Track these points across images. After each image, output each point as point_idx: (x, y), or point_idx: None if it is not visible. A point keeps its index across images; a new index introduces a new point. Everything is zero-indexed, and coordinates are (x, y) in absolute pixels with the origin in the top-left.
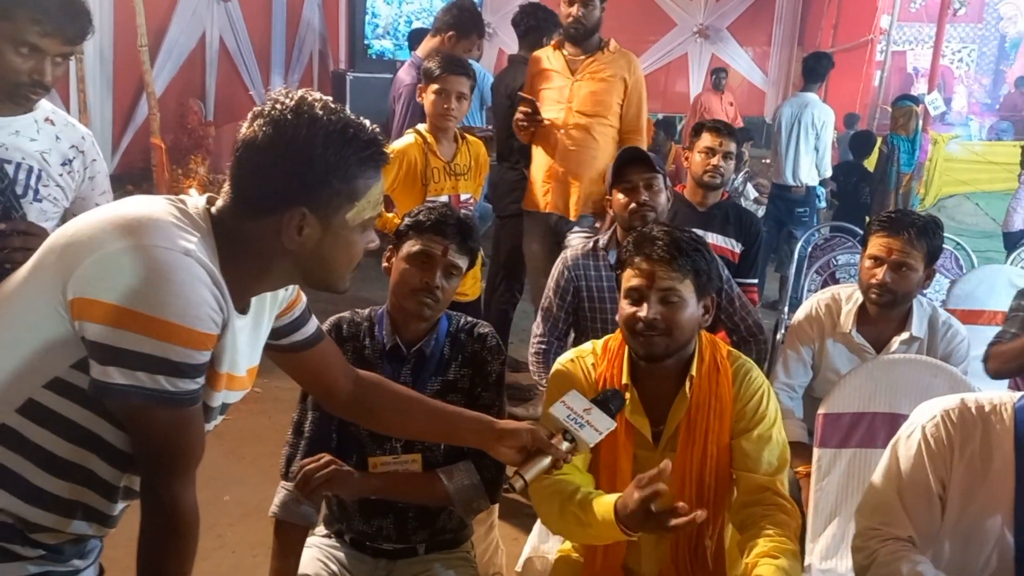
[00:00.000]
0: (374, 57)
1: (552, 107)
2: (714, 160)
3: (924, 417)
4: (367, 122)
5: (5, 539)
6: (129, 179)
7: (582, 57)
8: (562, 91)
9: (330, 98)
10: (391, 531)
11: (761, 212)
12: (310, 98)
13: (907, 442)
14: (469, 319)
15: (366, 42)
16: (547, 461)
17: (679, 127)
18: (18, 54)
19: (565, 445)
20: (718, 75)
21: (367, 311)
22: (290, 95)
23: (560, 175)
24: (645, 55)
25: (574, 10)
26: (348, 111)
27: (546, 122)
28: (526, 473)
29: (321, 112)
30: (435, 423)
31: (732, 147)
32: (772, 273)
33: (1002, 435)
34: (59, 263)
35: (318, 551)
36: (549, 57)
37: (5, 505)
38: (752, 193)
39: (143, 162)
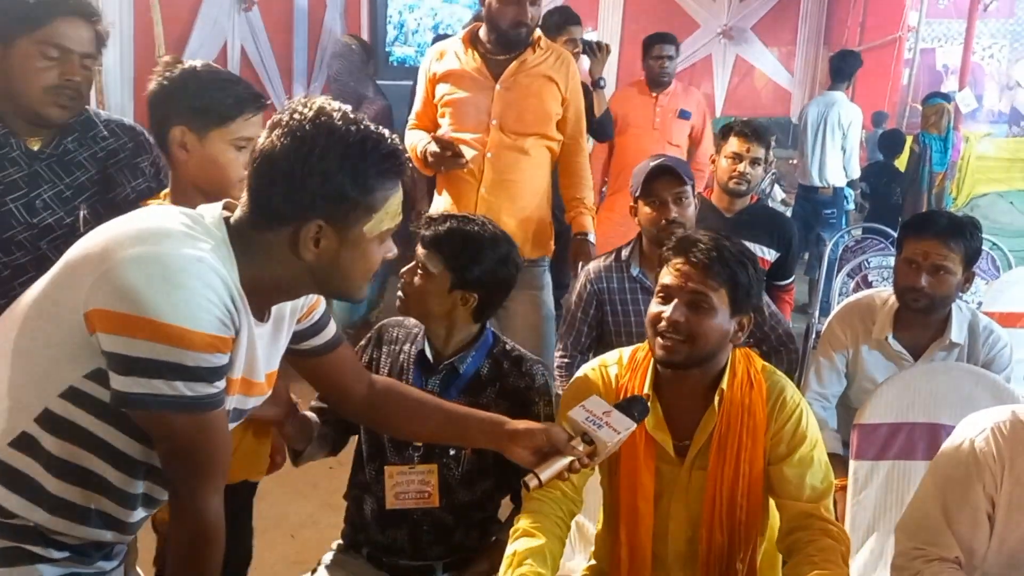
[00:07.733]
0: (396, 64)
1: (468, 122)
2: (740, 167)
3: (973, 430)
4: (386, 132)
5: (27, 541)
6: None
7: (505, 56)
8: (480, 102)
9: (349, 107)
10: (405, 544)
11: (787, 214)
12: (328, 108)
13: (954, 456)
14: (519, 348)
15: (387, 49)
16: (564, 462)
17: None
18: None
19: (583, 447)
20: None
21: None
22: (309, 105)
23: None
24: None
25: (519, 11)
26: (367, 121)
27: (469, 165)
28: (542, 473)
29: (340, 123)
30: (447, 425)
31: (760, 152)
32: (800, 276)
33: None
34: (74, 276)
35: (335, 569)
36: (459, 55)
37: (23, 511)
38: (779, 195)
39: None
